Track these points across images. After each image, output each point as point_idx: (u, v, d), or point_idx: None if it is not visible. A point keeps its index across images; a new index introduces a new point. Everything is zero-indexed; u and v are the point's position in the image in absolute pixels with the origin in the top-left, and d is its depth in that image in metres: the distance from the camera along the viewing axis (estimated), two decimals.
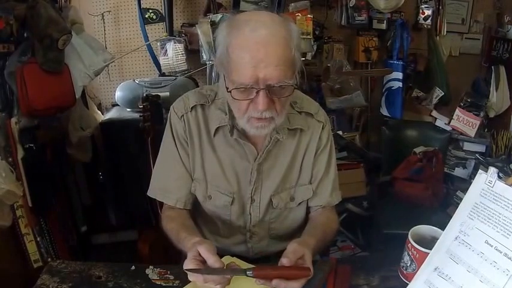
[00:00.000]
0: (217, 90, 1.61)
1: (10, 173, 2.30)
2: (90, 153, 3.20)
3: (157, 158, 1.69)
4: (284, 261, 1.26)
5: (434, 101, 3.63)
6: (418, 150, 3.28)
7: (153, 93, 2.75)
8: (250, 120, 1.40)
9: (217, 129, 1.57)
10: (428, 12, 3.53)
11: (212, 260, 1.23)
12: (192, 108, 1.59)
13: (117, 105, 3.38)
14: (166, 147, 1.65)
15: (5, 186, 2.19)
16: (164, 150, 1.67)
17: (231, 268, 1.27)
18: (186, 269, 1.23)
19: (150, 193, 1.69)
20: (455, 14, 3.80)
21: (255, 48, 1.28)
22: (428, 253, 1.20)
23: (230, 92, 1.35)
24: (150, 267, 1.45)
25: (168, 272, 1.44)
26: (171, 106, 1.65)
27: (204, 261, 1.24)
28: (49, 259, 2.58)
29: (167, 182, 1.64)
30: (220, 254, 1.57)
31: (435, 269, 1.16)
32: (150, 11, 3.28)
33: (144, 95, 2.70)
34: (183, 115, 1.60)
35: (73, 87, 2.72)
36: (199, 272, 1.21)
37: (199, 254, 1.25)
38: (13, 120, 2.44)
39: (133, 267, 1.46)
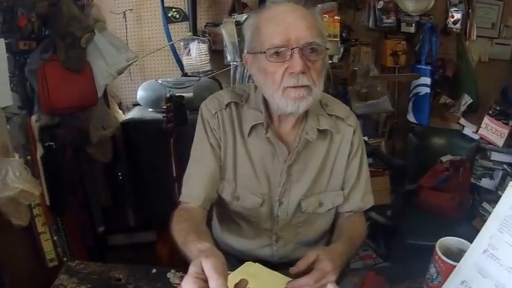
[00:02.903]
0: (250, 91, 1.60)
1: (25, 172, 2.24)
2: (111, 153, 3.19)
3: (188, 162, 1.63)
4: (292, 269, 1.26)
5: (463, 108, 3.57)
6: (445, 159, 3.23)
7: (177, 94, 2.72)
8: (286, 91, 1.38)
9: (251, 129, 1.55)
10: (457, 15, 3.49)
11: (215, 284, 0.96)
12: (226, 105, 1.58)
13: (138, 104, 3.37)
14: (196, 146, 1.62)
15: (19, 185, 2.15)
16: (194, 150, 1.62)
17: None
18: None
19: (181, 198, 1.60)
20: (485, 18, 3.73)
21: (284, 15, 1.37)
22: (456, 266, 1.16)
23: (265, 53, 1.37)
24: (172, 271, 1.41)
25: None
26: (202, 104, 1.63)
27: (206, 281, 0.98)
28: (64, 259, 2.58)
29: (193, 179, 1.58)
30: (243, 258, 1.54)
31: (462, 282, 1.12)
32: (174, 9, 3.28)
33: (168, 95, 2.69)
34: (217, 112, 1.57)
35: (95, 86, 2.72)
36: None
37: (203, 271, 1.00)
38: (33, 118, 2.45)
39: (154, 270, 1.42)
